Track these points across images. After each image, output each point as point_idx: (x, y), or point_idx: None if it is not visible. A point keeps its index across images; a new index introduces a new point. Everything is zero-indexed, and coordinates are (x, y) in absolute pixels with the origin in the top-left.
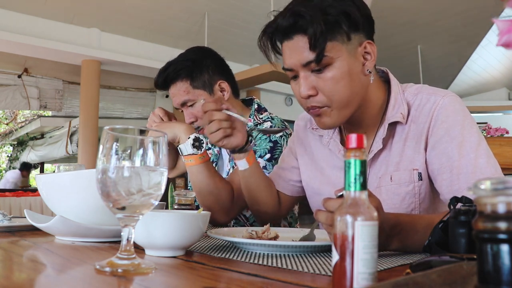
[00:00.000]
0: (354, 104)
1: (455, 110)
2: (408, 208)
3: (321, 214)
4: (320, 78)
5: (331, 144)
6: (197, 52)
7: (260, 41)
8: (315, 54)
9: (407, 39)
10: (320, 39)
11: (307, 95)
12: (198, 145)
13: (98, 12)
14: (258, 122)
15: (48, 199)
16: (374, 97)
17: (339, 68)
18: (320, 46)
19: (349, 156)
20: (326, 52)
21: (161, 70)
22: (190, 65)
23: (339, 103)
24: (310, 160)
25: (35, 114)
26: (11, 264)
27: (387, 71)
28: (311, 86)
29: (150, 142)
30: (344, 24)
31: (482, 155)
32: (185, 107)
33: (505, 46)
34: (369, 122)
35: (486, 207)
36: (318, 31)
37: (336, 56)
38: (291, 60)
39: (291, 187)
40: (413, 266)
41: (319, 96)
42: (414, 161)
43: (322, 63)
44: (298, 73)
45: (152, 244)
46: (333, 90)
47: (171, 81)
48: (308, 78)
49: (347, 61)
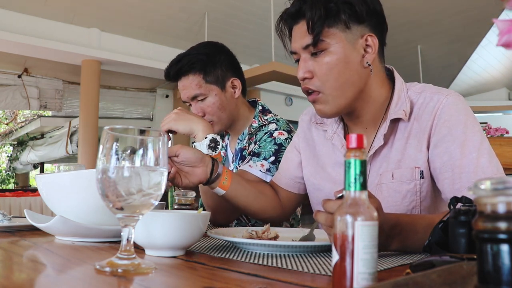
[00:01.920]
0: (349, 93)
1: (458, 110)
2: (409, 206)
3: (321, 215)
4: (317, 62)
5: (335, 138)
6: (211, 47)
7: (277, 27)
8: (312, 37)
9: (407, 39)
10: (318, 23)
11: (303, 77)
12: (213, 146)
13: (98, 12)
14: (263, 123)
15: (48, 199)
16: (376, 93)
17: (335, 54)
18: (317, 29)
19: (349, 156)
20: (323, 36)
21: (173, 61)
22: (204, 59)
23: (332, 89)
24: (312, 155)
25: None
26: (11, 264)
27: (393, 69)
28: (307, 69)
29: (150, 142)
30: (344, 13)
31: (484, 155)
32: (195, 101)
33: (505, 46)
34: (370, 117)
35: (486, 207)
36: (316, 16)
37: (333, 43)
38: (294, 44)
39: (297, 184)
40: (413, 266)
41: (314, 79)
42: (416, 159)
43: (319, 47)
44: (300, 56)
45: (152, 244)
46: (327, 74)
47: (184, 73)
48: (307, 61)
49: (344, 49)
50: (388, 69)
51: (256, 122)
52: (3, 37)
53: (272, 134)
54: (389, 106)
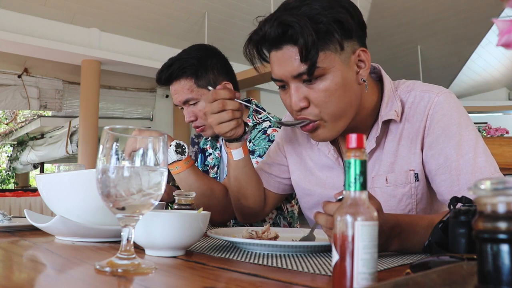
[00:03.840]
0: (349, 115)
1: (450, 108)
2: (405, 210)
3: (321, 217)
4: (312, 89)
5: (321, 143)
6: (203, 50)
7: (246, 49)
8: (306, 66)
9: (407, 39)
10: (312, 51)
11: (299, 107)
12: (181, 151)
13: (98, 12)
14: (257, 122)
15: (48, 199)
16: (368, 102)
17: (333, 79)
18: (312, 58)
19: (349, 156)
20: (318, 63)
21: (164, 66)
22: (195, 63)
23: (333, 115)
24: (299, 158)
25: (35, 114)
26: (11, 264)
27: (379, 67)
28: (302, 97)
29: (150, 142)
30: (336, 32)
31: (481, 154)
32: (187, 105)
33: (505, 46)
34: (361, 124)
35: (486, 207)
36: (309, 42)
37: (329, 67)
38: (280, 71)
39: (278, 184)
40: (413, 266)
41: (311, 108)
42: (410, 162)
43: (315, 74)
44: (287, 83)
45: (152, 244)
46: (326, 102)
47: (175, 78)
48: (300, 89)
49: (341, 71)
50: (374, 68)
51: (250, 121)
52: (3, 37)
53: (266, 132)
54: (379, 108)
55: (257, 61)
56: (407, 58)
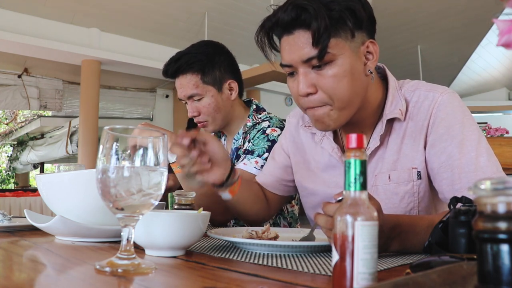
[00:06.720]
0: (355, 105)
1: (454, 108)
2: (407, 208)
3: (321, 217)
4: (321, 75)
5: (324, 142)
6: (212, 46)
7: (257, 36)
8: (317, 50)
9: (407, 39)
10: (324, 35)
11: (306, 93)
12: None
13: (98, 12)
14: (257, 121)
15: (48, 199)
16: (373, 97)
17: (341, 66)
18: (323, 42)
19: (349, 156)
20: (329, 49)
21: (172, 59)
22: (203, 59)
23: (340, 102)
24: (303, 158)
25: (35, 114)
26: (11, 264)
27: (384, 67)
28: (310, 83)
29: (150, 142)
30: (348, 20)
31: (483, 153)
32: (191, 100)
33: (505, 46)
34: (366, 121)
35: (486, 207)
36: (322, 26)
37: (339, 53)
38: (291, 56)
39: (283, 187)
40: (413, 266)
41: (318, 94)
42: (413, 160)
43: (324, 59)
44: (296, 69)
45: (152, 244)
46: (334, 88)
47: (182, 72)
48: (308, 75)
49: (350, 59)
50: (378, 67)
51: (250, 121)
52: (3, 37)
53: (265, 131)
54: (384, 107)
55: (267, 49)
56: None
